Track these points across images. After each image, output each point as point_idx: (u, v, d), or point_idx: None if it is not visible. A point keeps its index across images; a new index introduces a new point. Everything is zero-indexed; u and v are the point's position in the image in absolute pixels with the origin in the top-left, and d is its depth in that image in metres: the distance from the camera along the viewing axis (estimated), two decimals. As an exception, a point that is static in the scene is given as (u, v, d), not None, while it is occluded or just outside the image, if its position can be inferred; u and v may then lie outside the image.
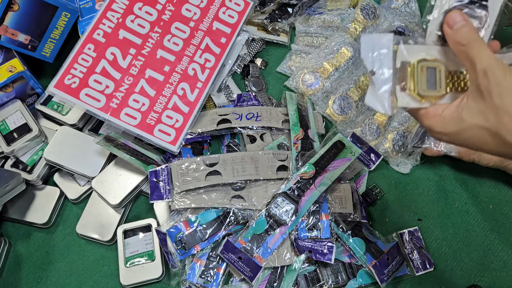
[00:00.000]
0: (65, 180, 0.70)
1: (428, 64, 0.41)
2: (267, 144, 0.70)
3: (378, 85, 0.40)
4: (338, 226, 0.64)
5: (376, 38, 0.40)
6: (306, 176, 0.64)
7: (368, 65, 0.40)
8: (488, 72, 0.37)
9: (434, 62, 0.41)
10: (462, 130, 0.39)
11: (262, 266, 0.61)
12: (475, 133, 0.38)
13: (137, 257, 0.64)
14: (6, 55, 0.70)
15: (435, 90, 0.41)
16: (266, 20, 0.81)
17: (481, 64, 0.37)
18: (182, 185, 0.64)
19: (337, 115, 0.75)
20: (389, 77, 0.40)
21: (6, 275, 0.66)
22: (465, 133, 0.39)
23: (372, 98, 0.41)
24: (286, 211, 0.62)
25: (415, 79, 0.40)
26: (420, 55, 0.41)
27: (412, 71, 0.40)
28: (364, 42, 0.40)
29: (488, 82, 0.37)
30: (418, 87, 0.40)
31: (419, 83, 0.40)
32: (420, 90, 0.40)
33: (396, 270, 0.63)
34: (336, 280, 0.63)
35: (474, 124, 0.38)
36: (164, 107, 0.69)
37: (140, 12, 0.72)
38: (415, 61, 0.40)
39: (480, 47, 0.38)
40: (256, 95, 0.75)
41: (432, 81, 0.41)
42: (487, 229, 0.68)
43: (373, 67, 0.40)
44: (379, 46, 0.40)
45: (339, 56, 0.77)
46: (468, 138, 0.39)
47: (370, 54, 0.40)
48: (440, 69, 0.41)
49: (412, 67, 0.40)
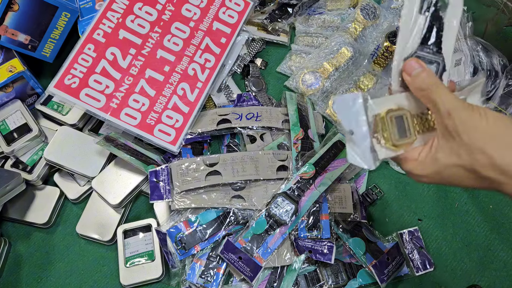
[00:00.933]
0: (65, 180, 0.70)
1: (395, 113, 0.42)
2: (267, 144, 0.70)
3: (358, 143, 0.41)
4: (338, 226, 0.64)
5: (346, 98, 0.40)
6: (306, 176, 0.64)
7: (346, 126, 0.41)
8: (451, 112, 0.38)
9: (400, 111, 0.42)
10: (439, 170, 0.40)
11: (262, 266, 0.61)
12: (452, 171, 0.39)
13: (137, 257, 0.64)
14: (6, 55, 0.70)
15: (407, 137, 0.42)
16: (266, 20, 0.81)
17: (444, 106, 0.39)
18: (182, 185, 0.64)
19: (337, 115, 0.75)
20: (366, 133, 0.40)
21: (6, 275, 0.66)
22: (443, 173, 0.40)
23: (355, 156, 0.41)
24: (286, 211, 0.62)
25: (388, 131, 0.41)
26: (387, 106, 0.42)
27: (382, 123, 0.41)
28: (337, 105, 0.41)
29: (454, 123, 0.38)
30: (391, 137, 0.41)
31: (391, 133, 0.41)
32: (393, 141, 0.41)
33: (396, 270, 0.63)
34: (336, 280, 0.63)
35: (449, 163, 0.39)
36: (164, 107, 0.69)
37: (140, 12, 0.72)
38: (384, 112, 0.41)
39: (440, 89, 0.40)
40: (256, 95, 0.75)
41: (402, 129, 0.42)
42: (487, 229, 0.68)
43: (350, 126, 0.41)
44: (351, 106, 0.40)
45: (339, 56, 0.77)
46: (446, 177, 0.40)
47: (345, 115, 0.41)
48: (406, 115, 0.42)
49: (382, 119, 0.41)
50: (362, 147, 0.41)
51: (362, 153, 0.41)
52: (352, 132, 0.41)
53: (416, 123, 0.42)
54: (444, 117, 0.39)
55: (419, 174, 0.42)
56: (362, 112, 0.40)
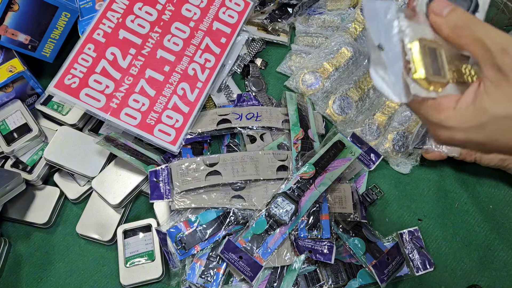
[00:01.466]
0: (65, 180, 0.70)
1: (429, 44, 0.34)
2: (267, 144, 0.70)
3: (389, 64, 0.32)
4: (338, 226, 0.64)
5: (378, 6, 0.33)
6: (306, 176, 0.64)
7: (375, 38, 0.33)
8: (507, 48, 0.31)
9: (434, 43, 0.35)
10: (484, 123, 0.32)
11: (263, 266, 0.61)
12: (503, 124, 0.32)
13: (137, 257, 0.64)
14: (6, 55, 0.70)
15: (440, 75, 0.34)
16: (266, 20, 0.81)
17: (495, 42, 0.32)
18: (182, 185, 0.64)
19: (337, 115, 0.75)
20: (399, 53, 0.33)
21: (6, 275, 0.66)
22: (488, 127, 0.32)
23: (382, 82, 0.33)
24: (286, 211, 0.62)
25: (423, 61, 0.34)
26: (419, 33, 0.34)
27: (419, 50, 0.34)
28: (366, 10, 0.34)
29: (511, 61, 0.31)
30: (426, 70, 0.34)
31: (426, 66, 0.34)
32: (428, 75, 0.34)
33: (396, 270, 0.63)
34: (336, 280, 0.63)
35: (501, 113, 0.32)
36: (164, 107, 0.69)
37: (140, 12, 0.72)
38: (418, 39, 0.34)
39: (483, 25, 0.33)
40: (256, 95, 0.75)
41: (436, 65, 0.34)
42: (487, 229, 0.68)
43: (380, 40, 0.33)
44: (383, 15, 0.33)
45: (339, 56, 0.77)
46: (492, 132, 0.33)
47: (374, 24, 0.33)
48: (440, 51, 0.35)
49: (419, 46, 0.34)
50: (394, 70, 0.33)
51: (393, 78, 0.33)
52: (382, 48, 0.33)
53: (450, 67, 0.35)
54: (497, 56, 0.32)
55: (455, 126, 0.33)
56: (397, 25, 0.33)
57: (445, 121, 0.34)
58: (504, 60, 0.32)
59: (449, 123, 0.34)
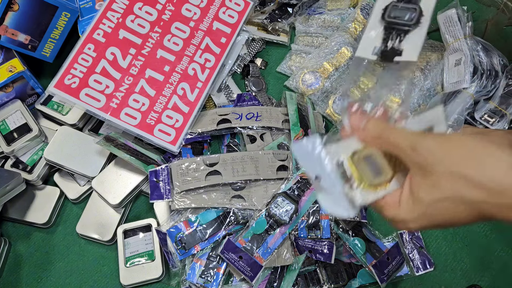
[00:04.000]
0: (65, 180, 0.70)
1: (363, 153, 0.38)
2: (267, 144, 0.70)
3: (329, 190, 0.37)
4: (338, 226, 0.64)
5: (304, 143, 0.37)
6: (306, 176, 0.64)
7: (310, 173, 0.38)
8: (417, 147, 0.35)
9: (366, 150, 0.38)
10: (425, 211, 0.36)
11: (263, 266, 0.61)
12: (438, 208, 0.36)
13: (137, 257, 0.64)
14: (6, 55, 0.70)
15: (382, 175, 0.38)
16: (266, 20, 0.81)
17: (405, 144, 0.36)
18: (182, 185, 0.64)
19: (337, 115, 0.75)
20: (336, 177, 0.37)
21: (6, 275, 0.66)
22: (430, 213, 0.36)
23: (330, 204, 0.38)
24: (286, 211, 0.62)
25: (359, 172, 0.38)
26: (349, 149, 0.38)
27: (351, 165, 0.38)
28: (296, 151, 0.38)
29: (423, 156, 0.35)
30: (366, 178, 0.38)
31: (364, 174, 0.38)
32: (369, 180, 0.38)
33: (396, 270, 0.63)
34: (336, 280, 0.63)
35: (433, 199, 0.35)
36: (164, 107, 0.69)
37: (140, 12, 0.72)
38: (349, 156, 0.38)
39: (395, 130, 0.37)
40: (256, 95, 0.75)
41: (375, 168, 0.38)
42: (487, 229, 0.68)
43: (316, 172, 0.37)
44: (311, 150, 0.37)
45: (339, 56, 0.77)
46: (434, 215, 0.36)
47: (307, 161, 0.38)
48: (375, 154, 0.38)
49: (350, 162, 0.38)
50: (336, 194, 0.37)
51: (336, 200, 0.37)
52: (319, 178, 0.37)
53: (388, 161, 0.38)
54: (411, 155, 0.36)
55: (405, 219, 0.37)
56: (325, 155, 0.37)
57: (395, 216, 0.38)
58: (418, 158, 0.35)
59: (399, 218, 0.38)
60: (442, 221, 0.37)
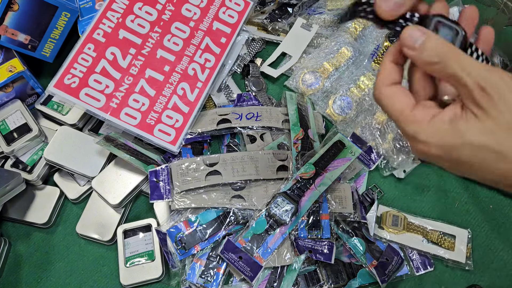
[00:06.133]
0: (65, 180, 0.70)
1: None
2: (267, 144, 0.70)
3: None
4: (338, 226, 0.64)
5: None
6: (306, 176, 0.64)
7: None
8: (485, 87, 0.30)
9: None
10: (458, 146, 0.31)
11: (263, 266, 0.61)
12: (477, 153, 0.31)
13: (137, 257, 0.64)
14: (6, 55, 0.70)
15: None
16: (266, 20, 0.81)
17: (472, 78, 0.30)
18: (182, 185, 0.63)
19: (337, 115, 0.75)
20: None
21: (6, 275, 0.66)
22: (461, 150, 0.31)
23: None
24: (286, 211, 0.62)
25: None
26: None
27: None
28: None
29: (491, 99, 0.30)
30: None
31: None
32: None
33: (396, 270, 0.63)
34: (336, 280, 0.63)
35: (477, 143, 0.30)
36: (164, 107, 0.69)
37: (140, 12, 0.72)
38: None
39: (461, 57, 0.31)
40: (256, 95, 0.75)
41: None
42: (487, 229, 0.68)
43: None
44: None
45: (339, 56, 0.77)
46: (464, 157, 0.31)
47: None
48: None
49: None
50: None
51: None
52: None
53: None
54: (475, 93, 0.30)
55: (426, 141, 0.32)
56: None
57: (417, 135, 0.33)
58: (483, 99, 0.30)
59: (422, 137, 0.33)
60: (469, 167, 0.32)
